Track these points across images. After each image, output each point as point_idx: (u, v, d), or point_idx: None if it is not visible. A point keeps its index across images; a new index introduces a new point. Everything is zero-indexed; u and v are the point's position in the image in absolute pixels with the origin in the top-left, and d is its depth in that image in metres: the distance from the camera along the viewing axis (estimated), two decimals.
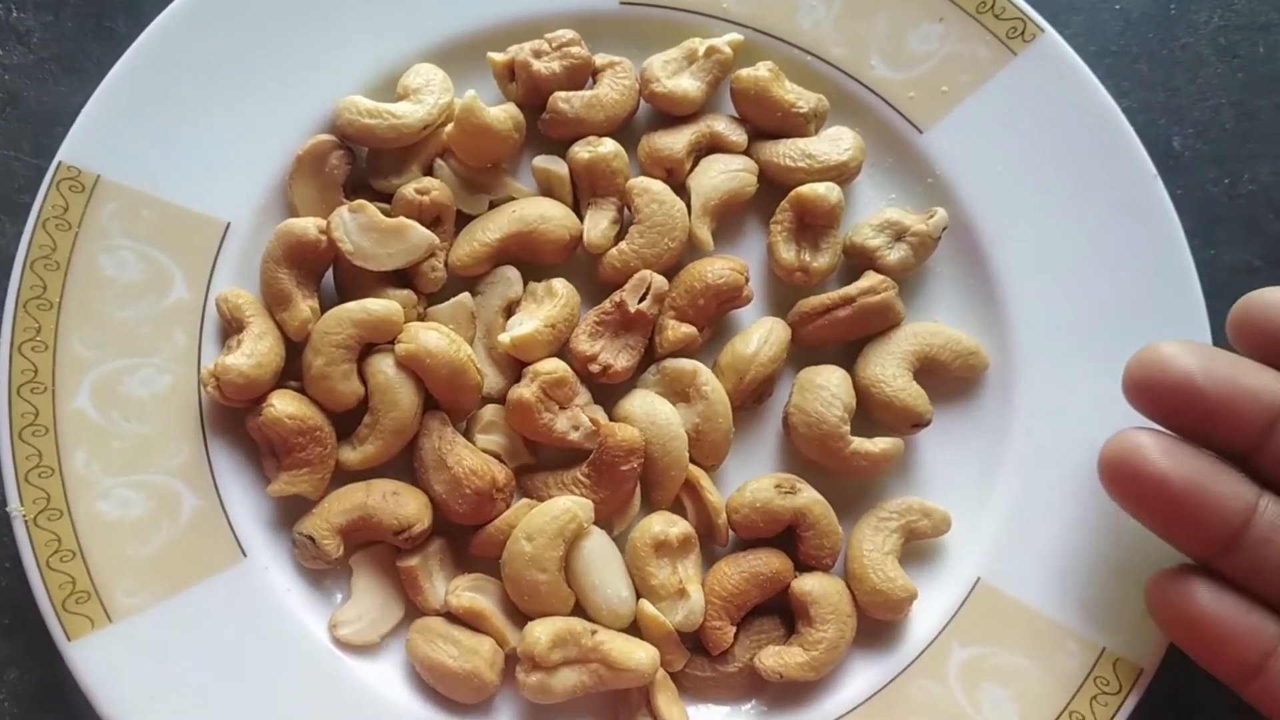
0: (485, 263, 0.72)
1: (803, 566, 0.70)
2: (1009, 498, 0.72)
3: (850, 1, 0.75)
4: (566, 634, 0.66)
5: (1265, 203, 0.79)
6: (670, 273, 0.72)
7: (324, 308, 0.70)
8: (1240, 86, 0.80)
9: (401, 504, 0.69)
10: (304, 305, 0.70)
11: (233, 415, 0.71)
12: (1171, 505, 0.60)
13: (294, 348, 0.71)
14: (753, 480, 0.71)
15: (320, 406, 0.70)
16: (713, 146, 0.75)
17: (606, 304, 0.71)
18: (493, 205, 0.74)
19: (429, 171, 0.73)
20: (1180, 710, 0.73)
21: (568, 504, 0.67)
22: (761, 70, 0.73)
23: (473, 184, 0.74)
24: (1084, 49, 0.76)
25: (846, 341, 0.73)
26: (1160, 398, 0.61)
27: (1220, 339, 0.71)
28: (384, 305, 0.69)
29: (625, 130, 0.75)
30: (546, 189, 0.74)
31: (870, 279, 0.72)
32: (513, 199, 0.74)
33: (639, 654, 0.66)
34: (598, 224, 0.72)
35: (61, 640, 0.67)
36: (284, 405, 0.68)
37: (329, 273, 0.73)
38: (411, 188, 0.71)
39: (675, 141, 0.73)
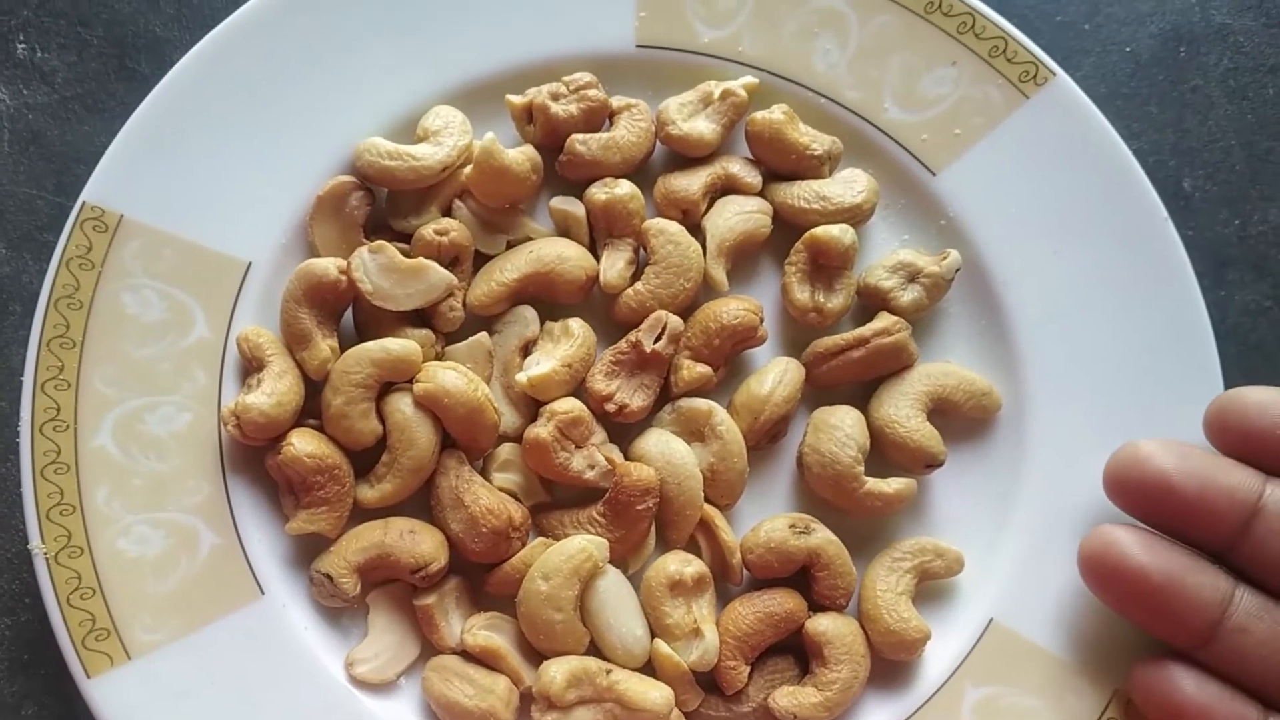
0: (503, 302, 0.73)
1: (817, 606, 0.71)
2: (1021, 539, 0.72)
3: (864, 45, 0.76)
4: (582, 673, 0.67)
5: (1275, 243, 0.80)
6: (686, 313, 0.73)
7: (343, 347, 0.71)
8: (1250, 128, 0.81)
9: (418, 542, 0.69)
10: (324, 344, 0.71)
11: (252, 453, 0.71)
12: (1150, 599, 0.62)
13: (313, 386, 0.71)
14: (767, 520, 0.71)
15: (339, 445, 0.70)
16: (728, 188, 0.76)
17: (622, 344, 0.72)
18: (510, 245, 0.75)
19: (448, 212, 0.74)
20: None
21: (583, 543, 0.68)
22: (776, 113, 0.74)
23: (491, 224, 0.74)
24: (1095, 91, 0.77)
25: (860, 382, 0.74)
26: (1138, 496, 0.64)
27: (1231, 377, 0.72)
28: (403, 345, 0.70)
29: (641, 172, 0.76)
30: (564, 229, 0.75)
31: (884, 320, 0.72)
32: (530, 239, 0.74)
33: (654, 694, 0.67)
34: (614, 264, 0.73)
35: (81, 677, 0.67)
36: (303, 444, 0.69)
37: (348, 312, 0.74)
38: (430, 228, 0.72)
39: (691, 183, 0.74)
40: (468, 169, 0.73)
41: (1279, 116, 0.81)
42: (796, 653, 0.71)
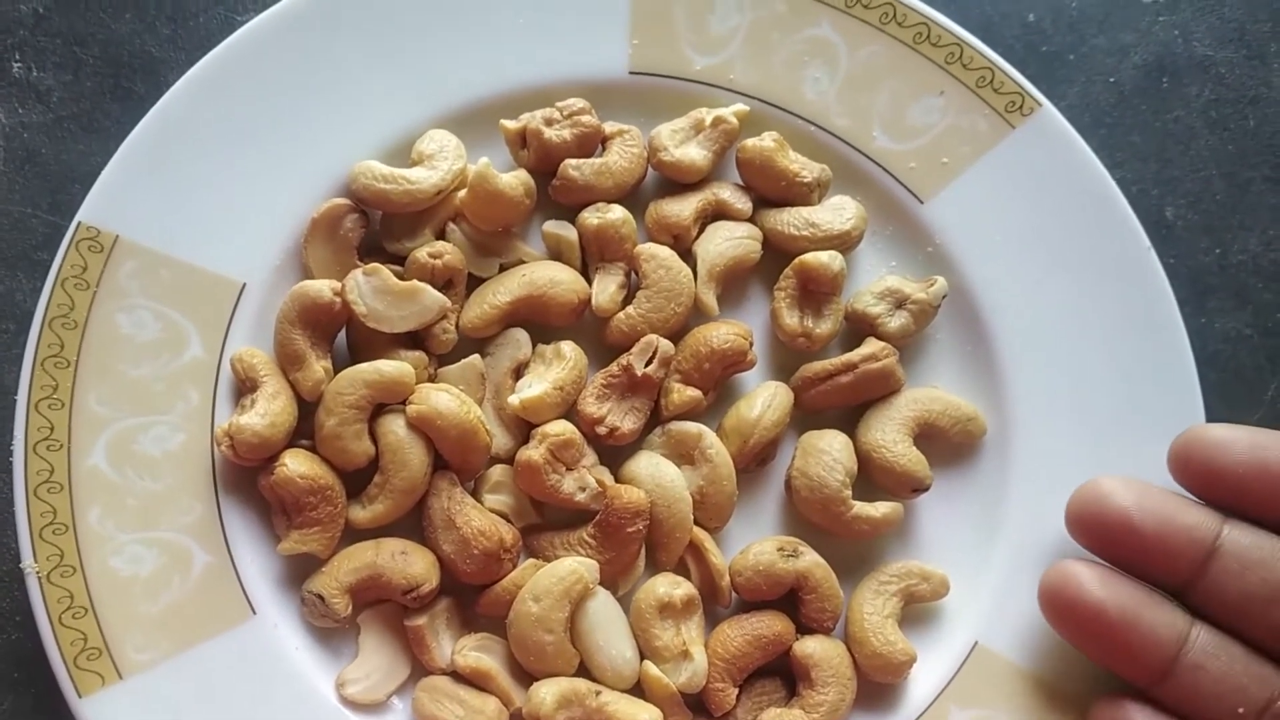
0: (495, 325, 0.73)
1: (804, 629, 0.71)
2: (1006, 562, 0.73)
3: (854, 74, 0.77)
4: (571, 694, 0.67)
5: (1255, 272, 0.81)
6: (676, 337, 0.74)
7: (337, 368, 0.72)
8: (1231, 159, 0.82)
9: (410, 563, 0.70)
10: (317, 366, 0.71)
11: (244, 473, 0.72)
12: (1107, 634, 0.63)
13: (306, 407, 0.72)
14: (755, 543, 0.72)
15: (331, 466, 0.71)
16: (718, 214, 0.77)
17: (614, 367, 0.73)
18: (503, 269, 0.75)
19: (441, 235, 0.75)
20: None
21: (574, 565, 0.69)
22: (766, 140, 0.75)
23: (484, 248, 0.75)
24: (1079, 120, 0.78)
25: (848, 406, 0.75)
26: (1098, 533, 0.65)
27: (1211, 404, 0.73)
28: (396, 367, 0.70)
29: (633, 197, 0.77)
30: (556, 253, 0.76)
31: (871, 345, 0.73)
32: (523, 263, 0.75)
33: (643, 715, 0.67)
34: (606, 288, 0.74)
35: (72, 696, 0.67)
36: (296, 464, 0.69)
37: (342, 334, 0.74)
38: (424, 251, 0.73)
39: (682, 209, 0.75)
40: (462, 193, 0.74)
41: (1259, 147, 0.82)
42: (784, 675, 0.72)
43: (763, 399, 0.73)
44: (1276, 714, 0.61)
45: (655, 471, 0.71)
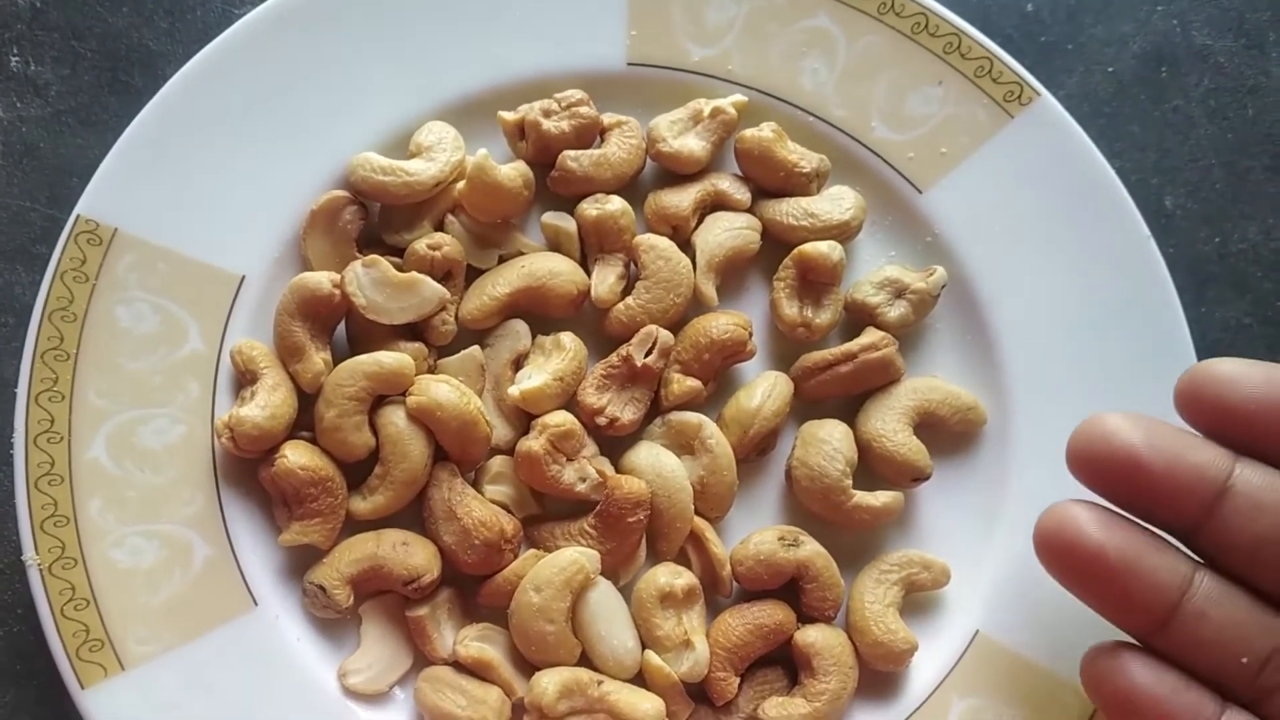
0: (495, 316, 0.73)
1: (805, 618, 0.72)
2: (1007, 551, 0.73)
3: (852, 65, 0.77)
4: (573, 684, 0.67)
5: (1254, 261, 0.81)
6: (676, 327, 0.74)
7: (336, 360, 0.72)
8: (1230, 148, 0.82)
9: (411, 554, 0.70)
10: (317, 357, 0.71)
11: (245, 465, 0.72)
12: (1107, 579, 0.59)
13: (306, 399, 0.72)
14: (756, 532, 0.72)
15: (332, 457, 0.71)
16: (717, 204, 0.77)
17: (613, 357, 0.73)
18: (502, 260, 0.75)
19: (440, 227, 0.75)
20: None
21: (575, 555, 0.69)
22: (765, 130, 0.75)
23: (483, 239, 0.75)
24: (1078, 110, 0.78)
25: (848, 396, 0.75)
26: (1103, 472, 0.60)
27: None
28: (396, 358, 0.70)
29: (632, 188, 0.77)
30: (555, 245, 0.76)
31: (871, 335, 0.73)
32: (522, 254, 0.75)
33: (644, 705, 0.67)
34: (605, 279, 0.74)
35: (75, 688, 0.67)
36: (296, 456, 0.69)
37: (341, 325, 0.74)
38: (423, 243, 0.73)
39: (681, 199, 0.75)
40: (460, 184, 0.74)
41: (1259, 136, 0.82)
42: (785, 664, 0.72)
43: (763, 389, 0.73)
44: None
45: (656, 462, 0.71)
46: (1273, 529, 0.57)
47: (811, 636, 0.70)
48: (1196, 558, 0.60)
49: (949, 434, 0.75)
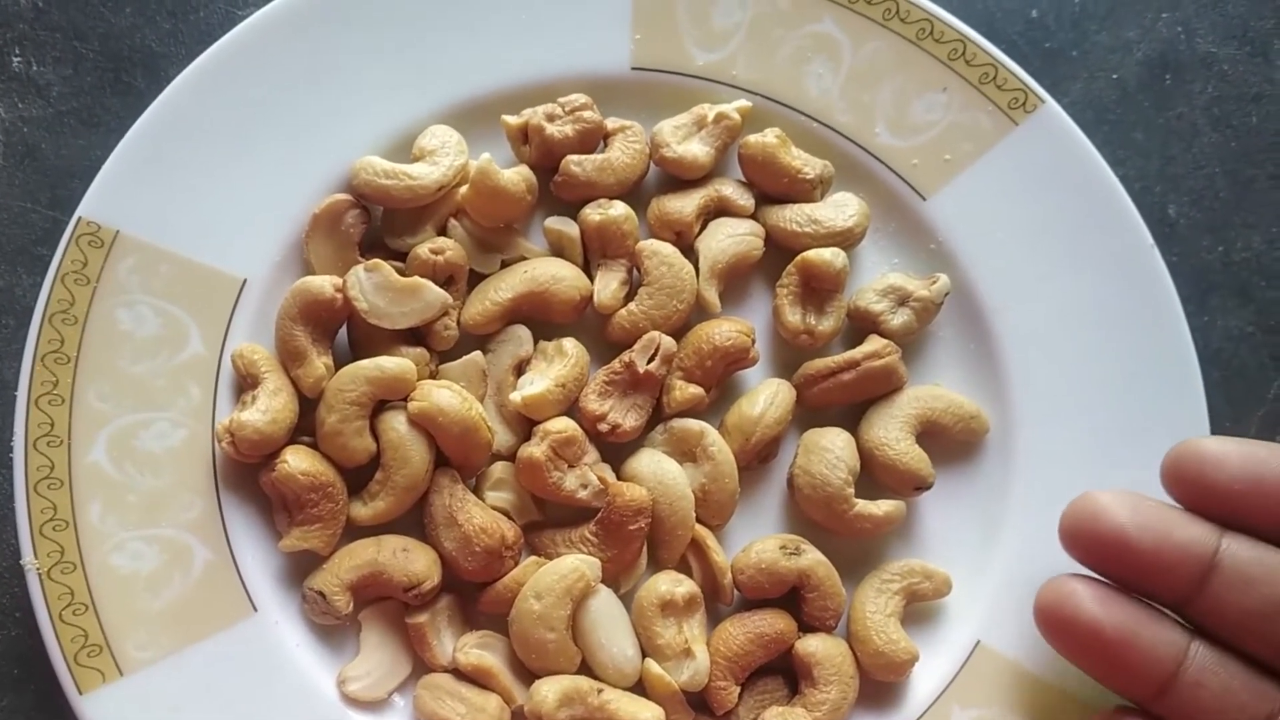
0: (497, 321, 0.73)
1: (806, 627, 0.71)
2: (1008, 561, 0.73)
3: (857, 70, 0.77)
4: (573, 692, 0.67)
5: (1258, 270, 0.81)
6: (678, 334, 0.73)
7: (338, 365, 0.71)
8: (1234, 156, 0.82)
9: (411, 560, 0.70)
10: (318, 362, 0.71)
11: (245, 470, 0.71)
12: (1105, 651, 0.62)
13: (307, 404, 0.72)
14: (758, 541, 0.72)
15: (333, 462, 0.71)
16: (721, 210, 0.76)
17: (615, 364, 0.72)
18: (505, 265, 0.75)
19: (443, 231, 0.75)
20: None
21: (576, 563, 0.68)
22: (769, 136, 0.75)
23: (486, 244, 0.75)
24: (1081, 117, 0.78)
25: (851, 404, 0.75)
26: (1094, 549, 0.62)
27: (1214, 402, 0.73)
28: (397, 363, 0.70)
29: (635, 193, 0.76)
30: (558, 250, 0.76)
31: (874, 343, 0.73)
32: (525, 259, 0.75)
33: (644, 714, 0.67)
34: (608, 285, 0.74)
35: (73, 694, 0.67)
36: (297, 461, 0.69)
37: (343, 330, 0.74)
38: (426, 247, 0.72)
39: (684, 205, 0.75)
40: (463, 189, 0.74)
41: (1262, 144, 0.82)
42: (786, 673, 0.72)
43: (765, 396, 0.72)
44: None
45: (657, 469, 0.71)
46: (1261, 602, 0.60)
47: (812, 646, 0.70)
48: (1191, 630, 0.63)
49: (951, 443, 0.75)
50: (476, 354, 0.73)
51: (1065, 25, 0.83)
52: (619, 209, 0.73)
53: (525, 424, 0.73)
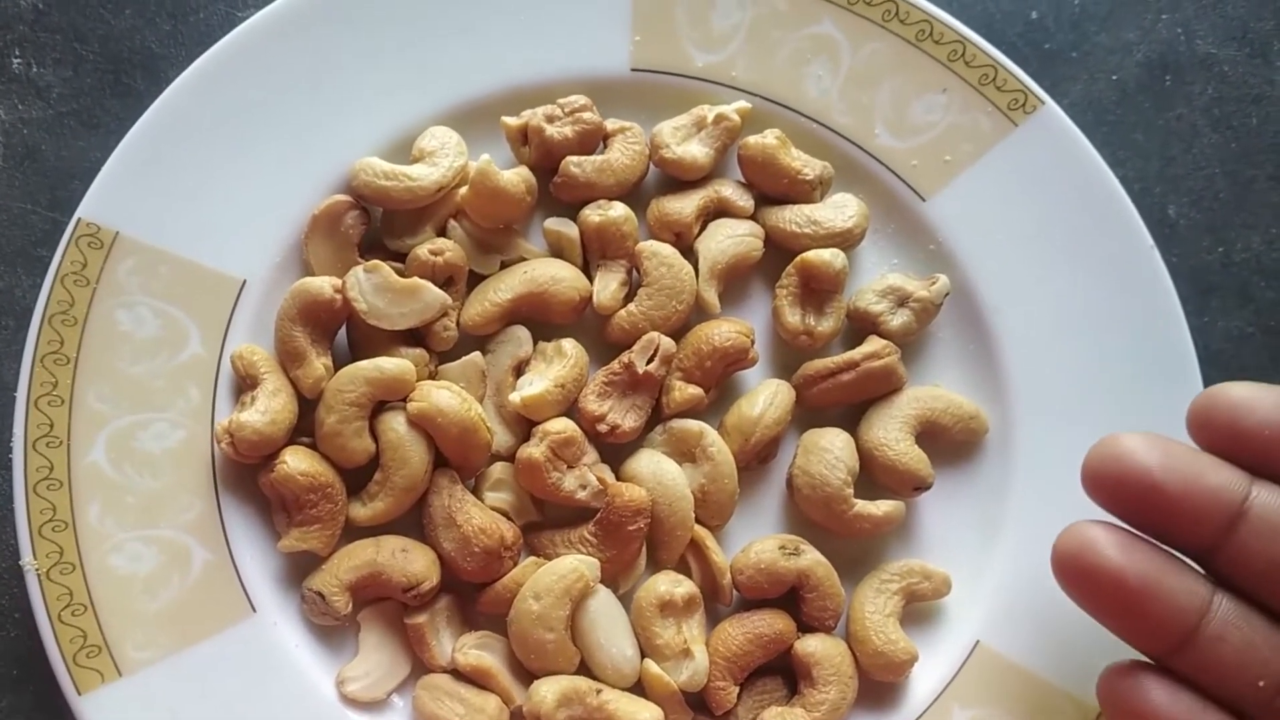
0: (496, 322, 0.73)
1: (805, 628, 0.71)
2: (1008, 561, 0.73)
3: (856, 71, 0.77)
4: (572, 693, 0.67)
5: (1258, 270, 0.81)
6: (678, 334, 0.73)
7: (337, 365, 0.71)
8: (1234, 157, 0.82)
9: (410, 561, 0.70)
10: (318, 363, 0.71)
11: (244, 471, 0.72)
12: (1126, 601, 0.58)
13: (307, 404, 0.72)
14: (757, 541, 0.72)
15: (332, 463, 0.71)
16: (720, 211, 0.76)
17: (615, 364, 0.72)
18: (504, 266, 0.75)
19: (442, 232, 0.75)
20: None
21: (575, 563, 0.68)
22: (769, 137, 0.75)
23: (485, 245, 0.75)
24: (1081, 118, 0.78)
25: (850, 404, 0.75)
26: (1118, 493, 0.59)
27: None
28: (397, 364, 0.70)
29: (635, 194, 0.76)
30: (557, 250, 0.76)
31: (873, 344, 0.73)
32: (524, 260, 0.75)
33: (643, 714, 0.67)
34: (607, 286, 0.74)
35: (72, 694, 0.67)
36: (296, 462, 0.69)
37: (342, 331, 0.74)
38: (425, 248, 0.72)
39: (684, 206, 0.75)
40: (463, 190, 0.74)
41: (1262, 145, 0.82)
42: (785, 674, 0.72)
43: (764, 397, 0.72)
44: None
45: (656, 469, 0.71)
46: None
47: (811, 646, 0.70)
48: (1214, 582, 0.60)
49: (951, 443, 0.75)
50: (476, 355, 0.73)
51: (1065, 26, 0.83)
52: (618, 210, 0.74)
53: (524, 425, 0.73)
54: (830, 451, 0.71)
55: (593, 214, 0.74)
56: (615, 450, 0.73)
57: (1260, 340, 0.80)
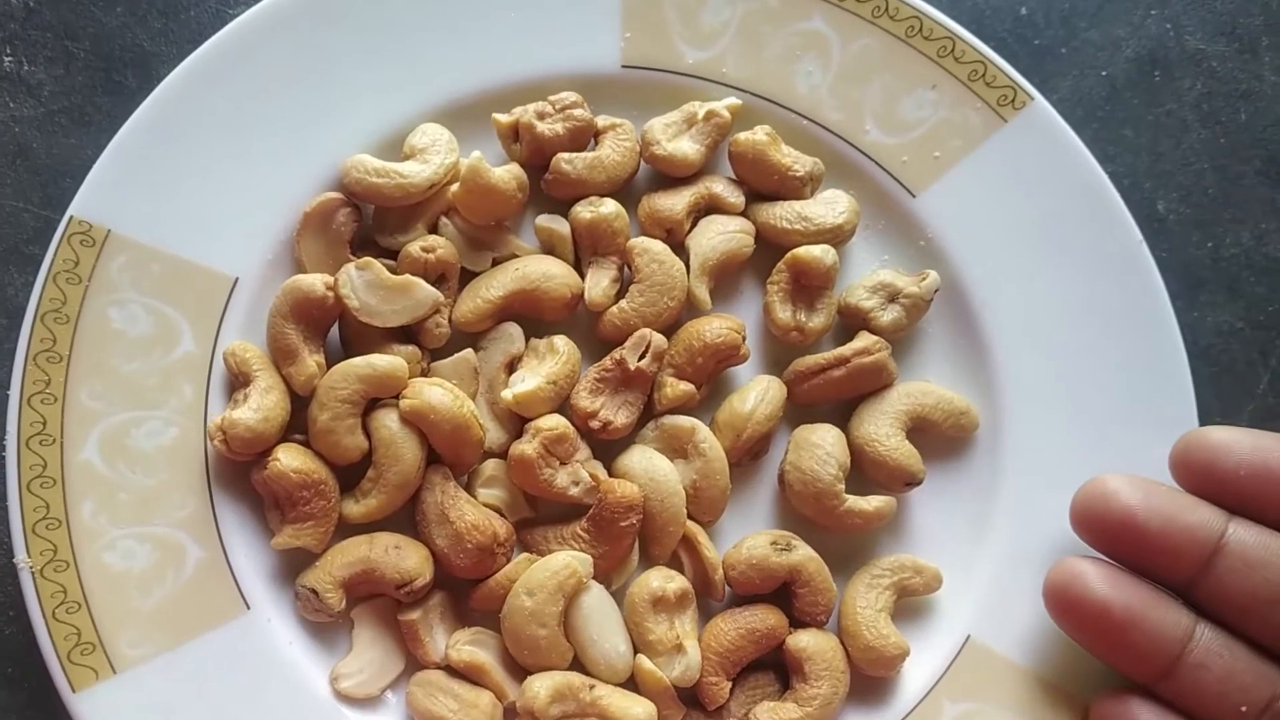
0: (488, 319, 0.73)
1: (797, 623, 0.72)
2: (998, 556, 0.73)
3: (846, 68, 0.77)
4: (565, 688, 0.67)
5: (1247, 265, 0.81)
6: (669, 331, 0.74)
7: (330, 363, 0.72)
8: (1223, 152, 0.82)
9: (404, 558, 0.70)
10: (310, 360, 0.71)
11: (238, 468, 0.72)
12: (1112, 632, 0.63)
13: (299, 402, 0.72)
14: (749, 537, 0.72)
15: (325, 460, 0.71)
16: (711, 208, 0.77)
17: (607, 361, 0.73)
18: (496, 263, 0.75)
19: (434, 229, 0.75)
20: None
21: (567, 559, 0.69)
22: (759, 134, 0.75)
23: (477, 242, 0.75)
24: (1071, 114, 0.78)
25: (841, 400, 0.75)
26: (1104, 531, 0.64)
27: (1203, 398, 0.73)
28: (389, 361, 0.70)
29: (626, 191, 0.77)
30: (549, 247, 0.76)
31: (864, 340, 0.73)
32: (516, 257, 0.75)
33: (636, 709, 0.67)
34: (599, 282, 0.74)
35: (66, 691, 0.67)
36: (289, 459, 0.69)
37: (335, 328, 0.74)
38: (417, 245, 0.72)
39: (675, 202, 0.75)
40: (454, 187, 0.74)
41: (1251, 140, 0.83)
42: (777, 668, 0.72)
43: (756, 393, 0.73)
44: (1277, 713, 0.62)
45: (649, 465, 0.71)
46: (1264, 585, 0.61)
47: (803, 641, 0.70)
48: (1196, 613, 0.64)
49: (941, 438, 0.75)
50: (468, 352, 0.73)
51: (1054, 22, 0.84)
52: (610, 207, 0.74)
53: (517, 421, 0.73)
54: (821, 447, 0.71)
55: (584, 211, 0.74)
56: (607, 446, 0.74)
57: (1249, 335, 0.81)
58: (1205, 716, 0.63)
